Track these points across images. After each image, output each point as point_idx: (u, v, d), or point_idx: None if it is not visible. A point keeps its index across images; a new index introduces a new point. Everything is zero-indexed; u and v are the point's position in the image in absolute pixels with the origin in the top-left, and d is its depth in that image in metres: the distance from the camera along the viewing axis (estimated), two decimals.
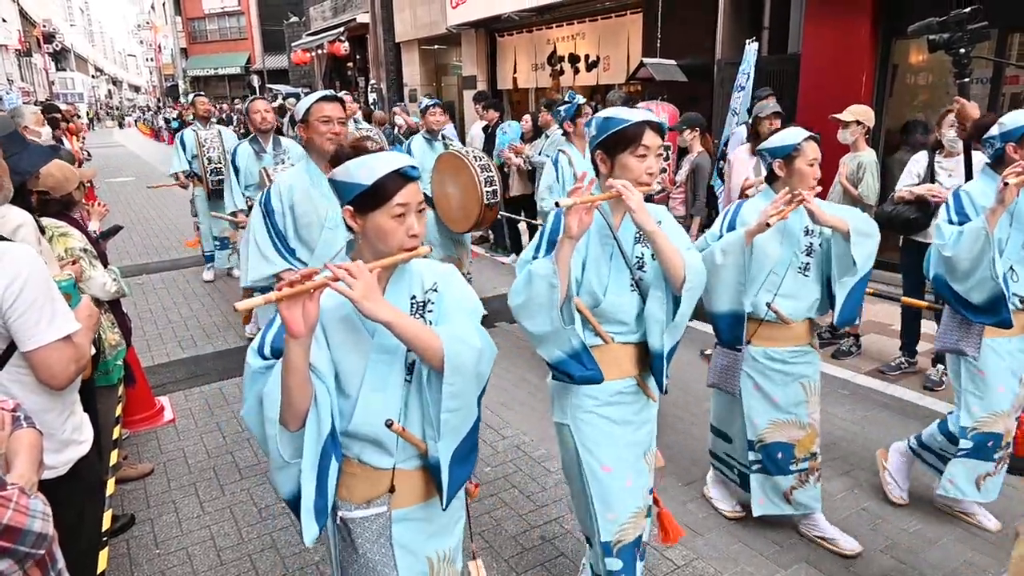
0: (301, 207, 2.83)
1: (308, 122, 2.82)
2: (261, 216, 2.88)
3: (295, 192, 2.84)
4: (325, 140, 2.78)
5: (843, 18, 6.83)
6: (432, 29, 15.56)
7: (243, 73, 40.64)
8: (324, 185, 2.74)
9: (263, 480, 3.44)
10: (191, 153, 6.90)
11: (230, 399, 4.40)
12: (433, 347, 1.50)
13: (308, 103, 2.83)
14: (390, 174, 1.50)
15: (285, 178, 2.90)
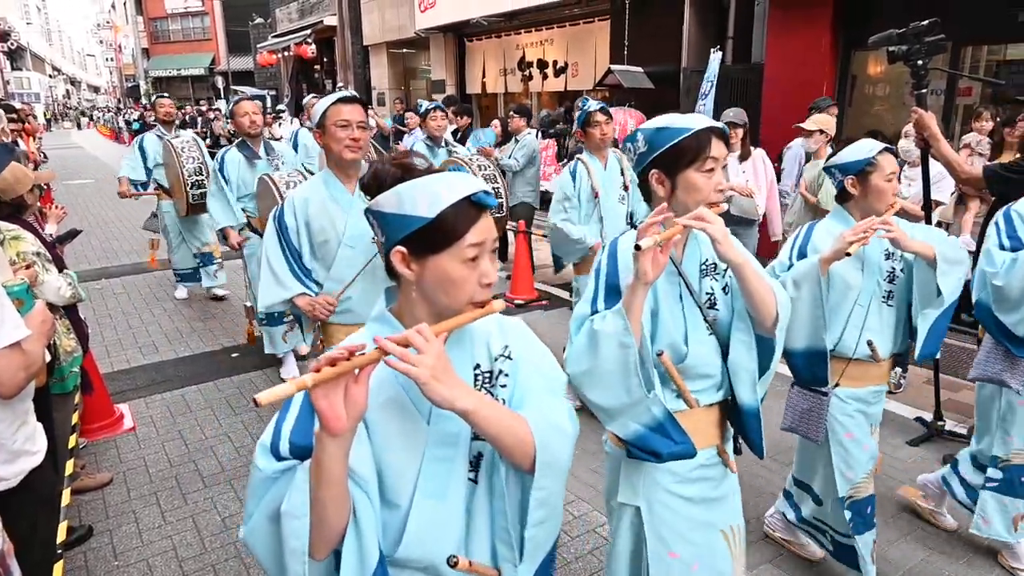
0: (317, 222, 2.61)
1: (324, 127, 2.54)
2: (275, 233, 2.66)
3: (310, 206, 2.62)
4: (343, 148, 2.52)
5: (804, 29, 7.00)
6: (400, 32, 15.51)
7: (207, 74, 40.00)
8: (343, 197, 2.61)
9: (227, 488, 3.37)
10: (153, 161, 6.22)
11: (193, 406, 4.31)
12: (525, 441, 1.15)
13: (324, 105, 2.55)
14: (459, 203, 1.12)
15: (301, 191, 2.68)
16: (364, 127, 2.55)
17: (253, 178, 4.31)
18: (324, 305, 2.62)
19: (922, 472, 3.35)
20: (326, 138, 2.55)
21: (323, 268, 2.67)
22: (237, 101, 4.67)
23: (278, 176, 3.78)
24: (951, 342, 5.15)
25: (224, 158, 4.67)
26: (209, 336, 5.55)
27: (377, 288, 2.54)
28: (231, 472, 3.53)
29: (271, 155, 4.71)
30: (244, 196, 4.62)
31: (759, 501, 3.18)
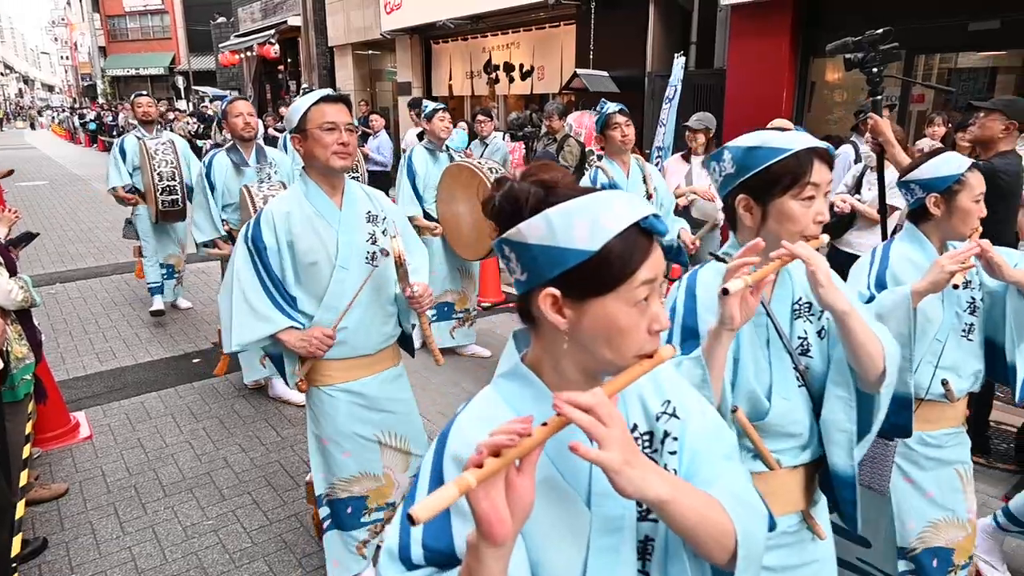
0: (304, 241, 2.24)
1: (306, 131, 2.19)
2: (247, 255, 2.24)
3: (293, 222, 2.24)
4: (331, 154, 2.19)
5: (764, 36, 7.14)
6: (366, 34, 15.39)
7: (167, 74, 39.18)
8: (330, 211, 2.28)
9: (188, 496, 3.31)
10: (132, 164, 5.75)
11: (153, 413, 4.21)
12: (726, 533, 0.94)
13: (304, 106, 2.20)
14: (628, 232, 0.89)
15: (279, 205, 2.26)
16: (352, 129, 2.23)
17: (238, 187, 3.96)
18: (321, 339, 2.21)
19: None
20: (309, 144, 2.21)
21: (310, 296, 2.29)
22: (231, 100, 4.18)
23: (256, 188, 3.44)
24: None
25: (212, 163, 4.20)
26: (169, 341, 5.43)
27: (376, 313, 2.38)
28: (192, 480, 3.46)
29: (262, 162, 4.21)
30: (228, 206, 4.20)
31: None
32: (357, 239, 2.32)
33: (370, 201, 2.42)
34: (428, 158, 4.78)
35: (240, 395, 4.45)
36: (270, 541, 2.97)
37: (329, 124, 2.18)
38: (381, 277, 2.37)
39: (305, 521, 3.10)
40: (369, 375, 2.42)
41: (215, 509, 3.21)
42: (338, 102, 2.24)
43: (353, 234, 2.31)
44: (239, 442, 3.84)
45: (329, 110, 2.20)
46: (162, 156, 5.31)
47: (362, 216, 2.35)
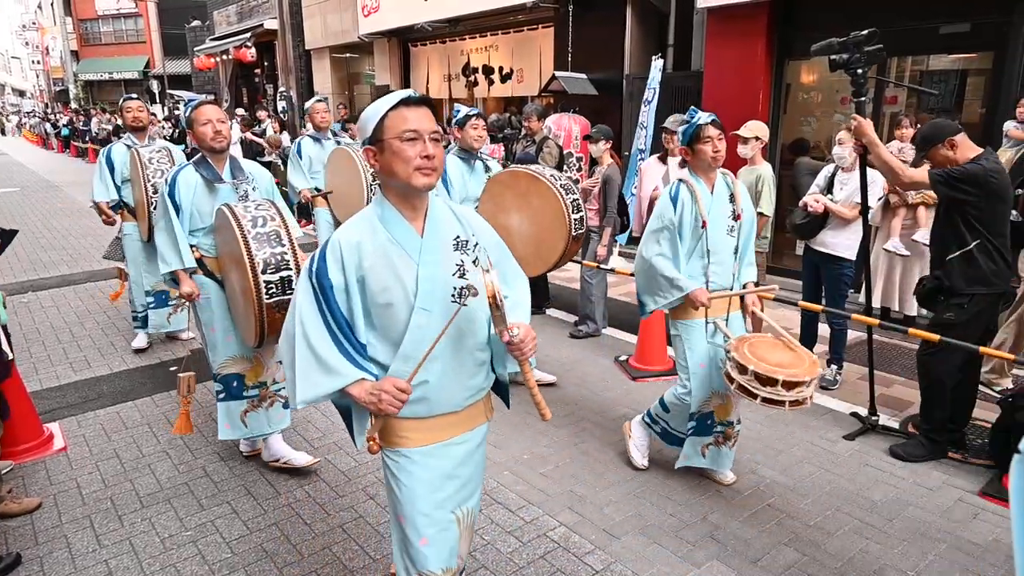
0: (378, 277, 1.82)
1: (383, 142, 1.79)
2: (311, 294, 1.83)
3: (365, 254, 1.81)
4: (414, 171, 1.77)
5: (740, 39, 7.21)
6: (344, 37, 15.32)
7: (141, 78, 38.65)
8: (411, 240, 1.85)
9: (167, 507, 3.25)
10: (121, 176, 5.14)
11: (129, 423, 4.14)
12: None
13: (380, 111, 1.80)
14: None
15: (348, 233, 1.85)
16: (438, 138, 1.82)
17: (212, 207, 3.36)
18: (393, 394, 1.78)
19: (859, 464, 3.48)
20: (386, 158, 1.80)
21: (384, 343, 1.88)
22: (196, 105, 3.42)
23: (243, 210, 3.03)
24: (882, 339, 5.37)
25: (176, 180, 3.39)
26: (146, 350, 5.35)
27: (463, 362, 1.92)
28: (170, 491, 3.40)
29: (239, 178, 3.47)
30: (198, 230, 3.44)
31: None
32: (441, 273, 1.87)
33: (459, 223, 1.95)
34: (463, 168, 4.46)
35: (218, 403, 4.38)
36: (250, 551, 2.93)
37: (411, 133, 1.77)
38: (469, 317, 1.91)
39: (286, 530, 3.07)
40: (454, 436, 1.99)
41: (193, 519, 3.16)
42: (421, 105, 1.82)
43: (436, 267, 1.86)
44: (217, 451, 3.79)
45: (411, 116, 1.79)
46: (157, 166, 4.68)
47: (448, 243, 1.90)
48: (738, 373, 2.91)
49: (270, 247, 2.96)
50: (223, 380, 3.46)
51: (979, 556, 2.86)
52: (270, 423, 3.55)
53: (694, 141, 3.18)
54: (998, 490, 3.28)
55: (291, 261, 2.98)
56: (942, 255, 3.47)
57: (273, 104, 18.37)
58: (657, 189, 5.20)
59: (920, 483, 3.42)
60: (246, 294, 2.99)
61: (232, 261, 3.15)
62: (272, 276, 2.93)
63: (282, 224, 3.06)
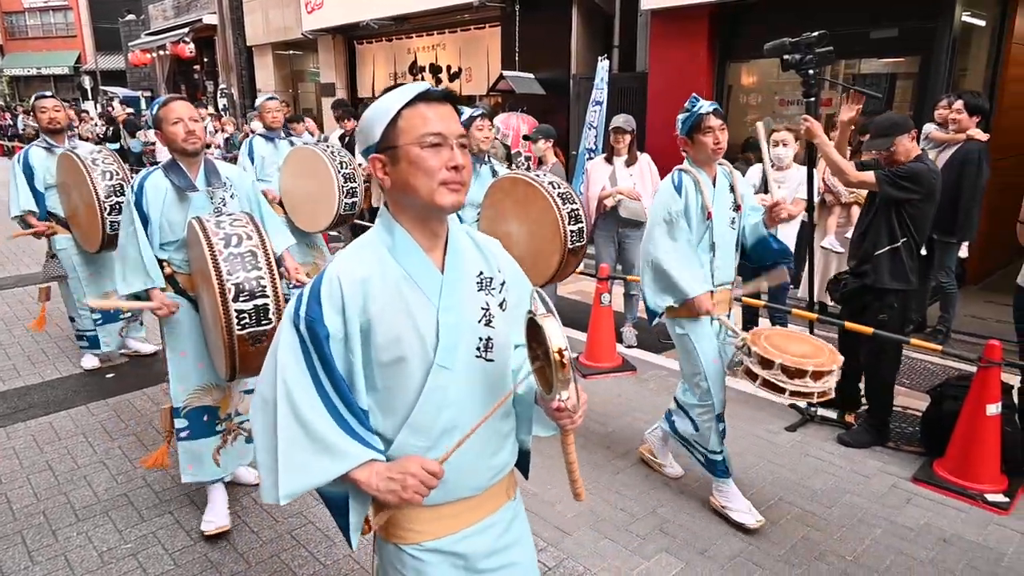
0: (388, 326, 1.40)
1: (396, 149, 1.39)
2: (297, 347, 1.40)
3: (372, 294, 1.40)
4: (437, 186, 1.38)
5: (683, 41, 7.37)
6: (286, 34, 15.01)
7: (72, 74, 37.05)
8: (429, 276, 1.44)
9: (104, 520, 3.13)
10: (44, 182, 4.64)
11: (62, 433, 3.96)
12: None
13: (391, 109, 1.40)
14: None
15: (349, 265, 1.42)
16: (466, 144, 1.44)
17: (184, 218, 2.97)
18: (424, 478, 1.37)
19: (800, 454, 3.60)
20: (401, 170, 1.39)
21: (387, 411, 1.46)
22: (164, 102, 3.01)
23: (215, 225, 2.67)
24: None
25: (143, 186, 2.97)
26: (79, 356, 5.13)
27: (489, 436, 1.51)
28: (108, 502, 3.27)
29: (214, 184, 3.08)
30: (169, 243, 3.02)
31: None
32: (466, 320, 1.46)
33: (481, 255, 1.54)
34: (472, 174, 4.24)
35: (159, 409, 4.23)
36: (195, 562, 2.85)
37: (435, 137, 1.37)
38: (497, 375, 1.52)
39: (232, 538, 2.99)
40: (473, 524, 1.56)
41: (134, 532, 3.05)
42: (444, 101, 1.42)
43: (460, 312, 1.45)
44: None
45: (433, 115, 1.38)
46: (104, 166, 4.17)
47: (472, 281, 1.50)
48: (762, 368, 2.71)
49: (244, 270, 2.58)
50: (191, 415, 3.03)
51: (912, 540, 3.00)
52: (237, 458, 3.20)
53: (694, 131, 2.98)
54: (929, 476, 3.44)
55: (268, 287, 2.61)
56: (870, 251, 3.61)
57: (214, 102, 17.88)
58: (605, 189, 5.26)
59: (857, 471, 3.56)
60: (216, 322, 2.63)
61: (203, 280, 2.78)
62: (245, 304, 2.55)
63: (259, 243, 2.67)
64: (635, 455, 3.67)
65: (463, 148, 1.40)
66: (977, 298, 6.14)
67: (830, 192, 5.61)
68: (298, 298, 1.42)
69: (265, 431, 1.42)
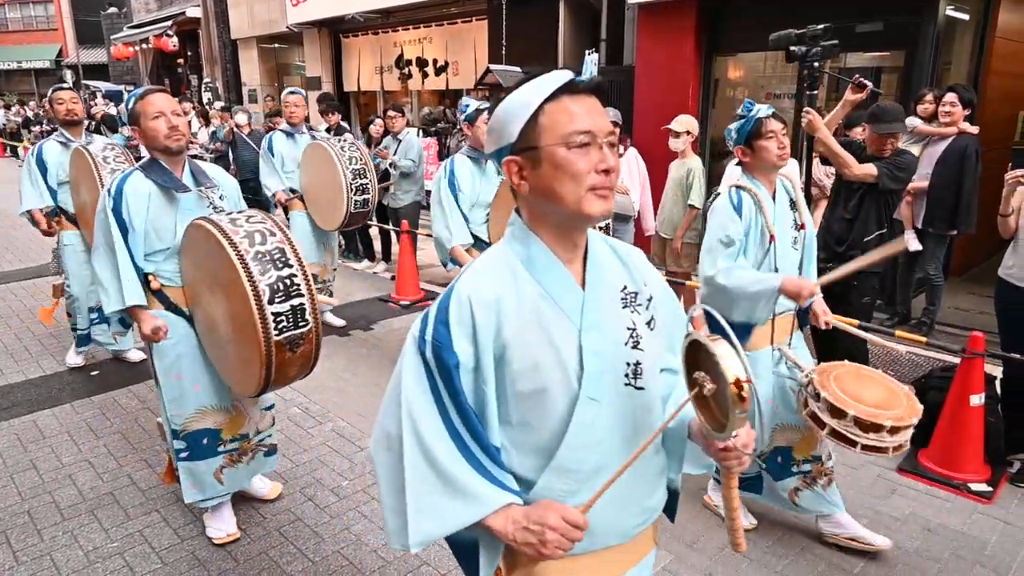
0: (527, 349, 1.23)
1: (537, 150, 1.21)
2: (424, 377, 1.23)
3: (506, 315, 1.23)
4: (585, 192, 1.20)
5: (670, 35, 7.36)
6: (271, 27, 14.86)
7: (54, 67, 36.56)
8: (569, 293, 1.26)
9: (90, 519, 3.10)
10: (56, 178, 4.52)
11: (47, 432, 3.92)
12: None
13: (530, 103, 1.22)
14: None
15: (478, 282, 1.25)
16: (615, 143, 1.25)
17: (173, 223, 2.70)
18: (566, 531, 1.19)
19: None
20: (542, 174, 1.21)
21: (523, 446, 1.29)
22: (142, 94, 2.69)
23: (230, 223, 2.42)
24: None
25: (122, 190, 2.64)
26: (63, 354, 5.07)
27: (640, 476, 1.33)
28: (94, 501, 3.24)
29: (204, 184, 2.79)
30: (157, 252, 2.72)
31: None
32: (612, 343, 1.27)
33: (623, 267, 1.35)
34: (474, 169, 3.81)
35: (145, 407, 4.21)
36: (182, 560, 2.83)
37: (583, 136, 1.18)
38: (646, 406, 1.33)
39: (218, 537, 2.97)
40: None
41: (120, 531, 3.03)
42: (590, 94, 1.23)
43: (605, 334, 1.26)
44: (145, 457, 3.63)
45: (579, 110, 1.20)
46: (115, 164, 4.05)
47: (616, 298, 1.31)
48: (831, 416, 2.42)
49: (275, 268, 2.36)
50: (189, 438, 2.81)
51: (897, 529, 3.03)
52: (251, 474, 3.09)
53: (754, 138, 2.63)
54: (914, 466, 3.48)
55: (302, 284, 2.41)
56: (859, 238, 3.66)
57: (198, 96, 17.70)
58: None
59: (844, 462, 3.58)
60: (244, 331, 2.37)
61: (215, 289, 2.50)
62: (281, 306, 2.34)
63: (285, 238, 2.46)
64: None
65: (612, 148, 1.22)
66: (960, 290, 6.20)
67: (816, 186, 5.64)
68: (423, 319, 1.25)
69: (390, 469, 1.26)
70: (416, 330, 1.25)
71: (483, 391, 1.23)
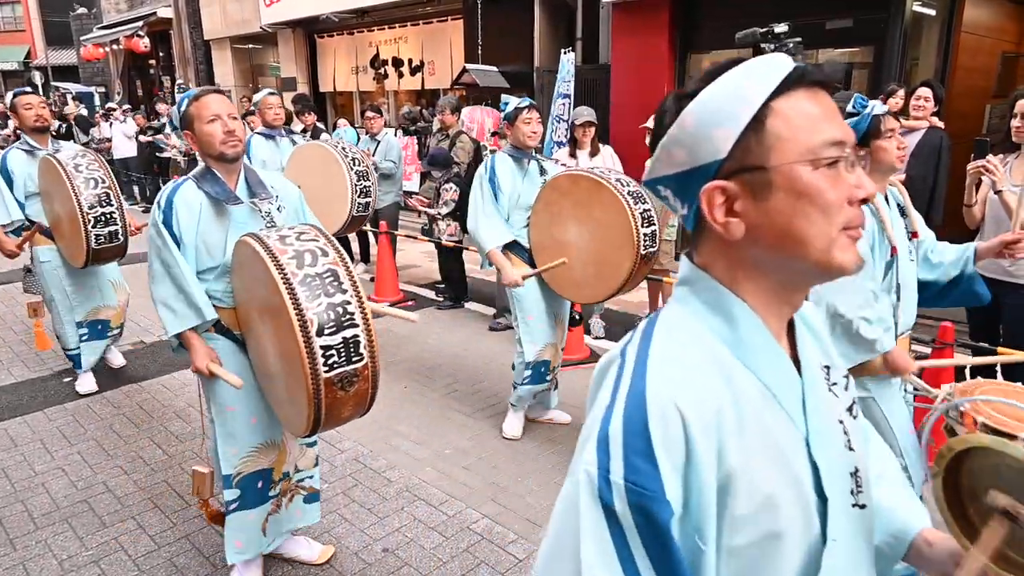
0: (756, 478, 0.80)
1: (765, 172, 0.81)
2: (607, 535, 0.76)
3: (728, 430, 0.79)
4: (837, 235, 0.82)
5: (644, 33, 7.41)
6: (245, 27, 14.73)
7: (22, 69, 35.87)
8: (791, 385, 0.88)
9: (64, 527, 3.05)
10: (24, 189, 4.16)
11: (19, 440, 3.85)
12: None
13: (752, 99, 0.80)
14: None
15: (687, 388, 0.79)
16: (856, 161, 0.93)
17: (224, 238, 2.45)
18: None
19: None
20: (779, 205, 0.82)
21: None
22: (195, 96, 2.44)
23: (278, 240, 2.13)
24: None
25: (172, 202, 2.40)
26: (35, 360, 4.99)
27: None
28: (67, 510, 3.19)
29: (260, 195, 2.50)
30: (207, 271, 2.47)
31: None
32: (834, 446, 0.91)
33: (812, 334, 0.98)
34: (515, 170, 3.63)
35: (120, 413, 4.15)
36: (159, 567, 2.80)
37: (833, 148, 0.81)
38: (869, 532, 0.96)
39: (197, 542, 2.94)
40: None
41: (95, 538, 2.98)
42: (824, 87, 0.84)
43: (829, 437, 0.90)
44: (120, 464, 3.58)
45: (821, 110, 0.82)
46: (87, 172, 3.77)
47: (821, 380, 0.94)
48: None
49: (326, 295, 2.05)
50: (244, 483, 2.50)
51: None
52: (290, 523, 2.75)
53: (872, 137, 2.30)
54: None
55: (357, 313, 2.07)
56: None
57: (171, 97, 17.48)
58: None
59: None
60: (291, 365, 2.09)
61: (264, 313, 2.24)
62: (332, 338, 2.02)
63: (339, 259, 2.15)
64: None
65: (853, 167, 0.84)
66: None
67: None
68: (600, 442, 0.78)
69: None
70: (588, 463, 0.78)
71: (698, 549, 0.77)
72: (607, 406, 0.81)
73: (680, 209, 0.88)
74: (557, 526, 0.82)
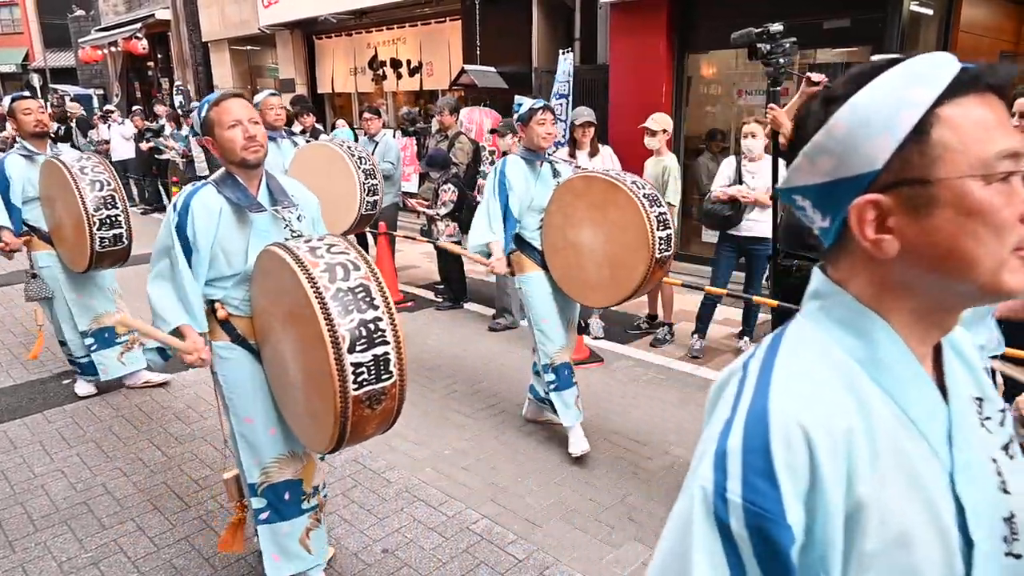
0: (889, 511, 0.74)
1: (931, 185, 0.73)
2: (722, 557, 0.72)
3: (859, 454, 0.73)
4: (1008, 256, 0.73)
5: (642, 33, 7.41)
6: (243, 29, 14.71)
7: (20, 71, 35.87)
8: (935, 414, 0.80)
9: (63, 529, 3.05)
10: (23, 194, 4.13)
11: (18, 442, 3.85)
12: None
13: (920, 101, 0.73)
14: None
15: (817, 398, 0.75)
16: None
17: (244, 246, 2.39)
18: None
19: None
20: (944, 223, 0.74)
21: None
22: (216, 100, 2.37)
23: (308, 251, 2.07)
24: None
25: (189, 206, 2.33)
26: (34, 363, 4.98)
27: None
28: (67, 512, 3.19)
29: (281, 202, 2.46)
30: (225, 279, 2.40)
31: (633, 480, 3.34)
32: (985, 487, 0.82)
33: (963, 362, 0.89)
34: (527, 172, 3.59)
35: (119, 415, 4.15)
36: (159, 569, 2.79)
37: (1008, 160, 0.72)
38: None
39: (196, 543, 2.94)
40: None
41: (94, 540, 2.98)
42: (996, 92, 0.76)
43: (979, 475, 0.81)
44: (119, 466, 3.58)
45: (994, 118, 0.74)
46: (92, 174, 3.79)
47: (973, 413, 0.86)
48: None
49: (359, 311, 1.98)
50: (268, 493, 2.47)
51: None
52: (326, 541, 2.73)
53: None
54: None
55: (388, 331, 2.02)
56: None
57: (170, 99, 17.47)
58: None
59: None
60: (317, 381, 2.04)
61: (289, 325, 2.18)
62: (363, 355, 1.96)
63: (370, 273, 2.08)
64: (603, 446, 3.70)
65: None
66: None
67: None
68: (717, 459, 0.74)
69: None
70: (703, 479, 0.74)
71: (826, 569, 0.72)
72: (726, 421, 0.76)
73: (820, 222, 0.81)
74: (669, 544, 0.78)
